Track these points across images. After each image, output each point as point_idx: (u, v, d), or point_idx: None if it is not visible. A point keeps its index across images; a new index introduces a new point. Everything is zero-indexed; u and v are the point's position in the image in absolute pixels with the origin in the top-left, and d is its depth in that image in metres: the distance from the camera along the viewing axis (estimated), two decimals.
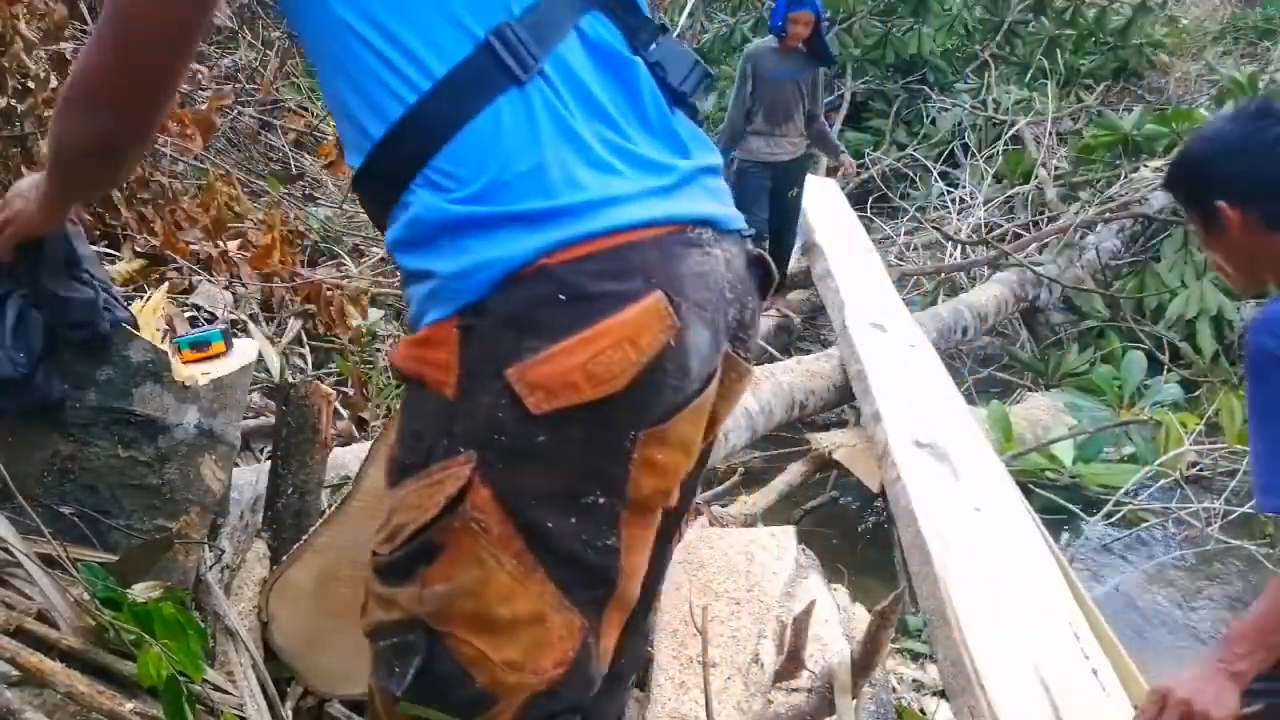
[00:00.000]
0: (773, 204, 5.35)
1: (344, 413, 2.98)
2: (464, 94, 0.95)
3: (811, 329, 5.98)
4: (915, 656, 2.88)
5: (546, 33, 0.98)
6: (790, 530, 2.76)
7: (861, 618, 2.68)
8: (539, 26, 0.97)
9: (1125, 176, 6.71)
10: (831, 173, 6.90)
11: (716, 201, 1.06)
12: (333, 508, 1.83)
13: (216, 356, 1.84)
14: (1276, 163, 1.56)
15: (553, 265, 0.92)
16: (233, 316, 2.97)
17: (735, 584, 2.40)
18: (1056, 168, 7.33)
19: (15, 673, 1.46)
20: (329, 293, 3.44)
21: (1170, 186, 1.76)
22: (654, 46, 1.07)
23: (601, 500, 0.97)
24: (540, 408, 0.91)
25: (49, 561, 1.60)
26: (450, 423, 0.96)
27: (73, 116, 1.11)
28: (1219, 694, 1.47)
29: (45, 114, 2.87)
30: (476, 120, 0.95)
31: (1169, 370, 5.42)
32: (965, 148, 7.89)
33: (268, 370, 2.82)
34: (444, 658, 1.00)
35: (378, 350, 3.52)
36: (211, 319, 2.76)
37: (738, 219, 1.09)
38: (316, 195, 5.10)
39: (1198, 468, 4.29)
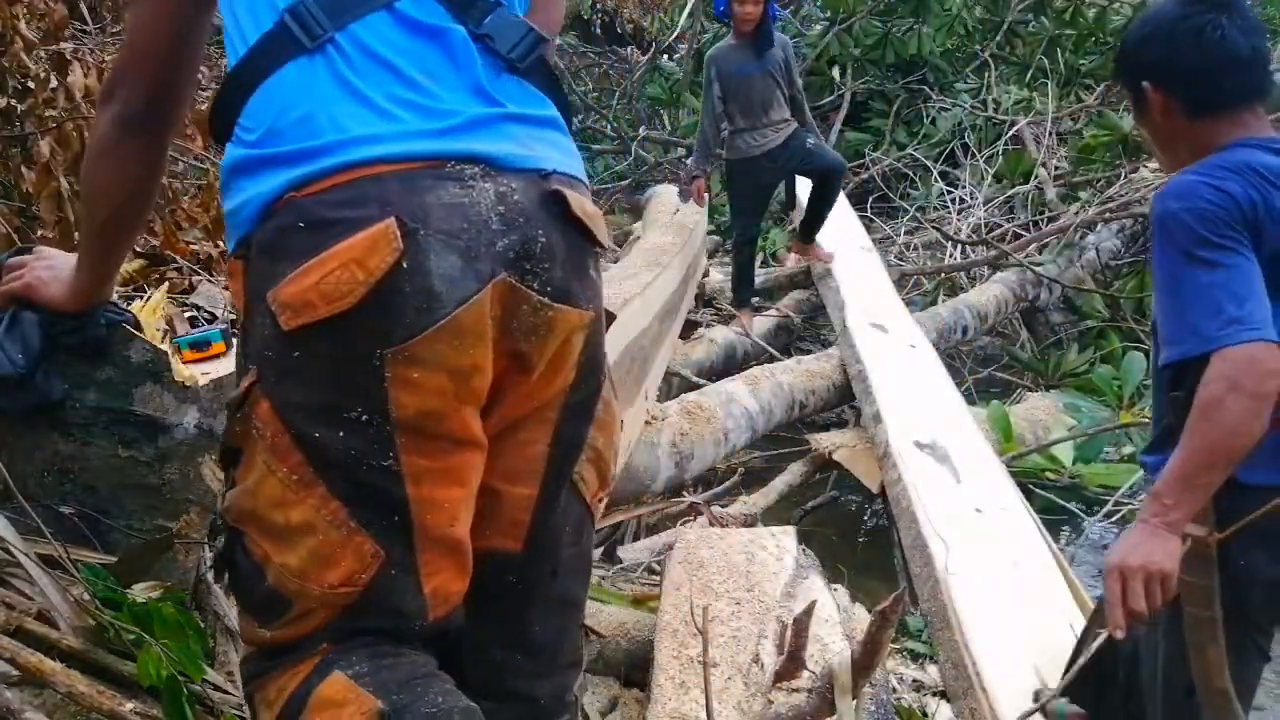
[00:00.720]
0: (786, 179, 5.25)
1: None
2: (262, 60, 1.09)
3: (811, 329, 5.98)
4: (916, 657, 2.88)
5: (343, 10, 1.10)
6: (790, 530, 2.76)
7: (862, 618, 2.68)
8: (336, 5, 1.10)
9: (1125, 176, 6.71)
10: None
11: (512, 143, 1.10)
12: None
13: (216, 356, 1.84)
14: (1199, 52, 1.60)
15: (298, 198, 1.03)
16: (233, 316, 2.97)
17: (735, 584, 2.40)
18: (1056, 168, 7.32)
19: (15, 673, 1.46)
20: None
21: (1115, 67, 1.83)
22: (487, 20, 1.14)
23: (364, 417, 1.04)
24: (289, 324, 1.02)
25: (49, 561, 1.60)
26: (245, 343, 1.12)
27: (98, 117, 1.25)
28: (1163, 549, 1.52)
29: (46, 114, 2.87)
30: (268, 81, 1.09)
31: None
32: (965, 148, 7.89)
33: None
34: (242, 555, 1.11)
35: None
36: (211, 319, 2.76)
37: (539, 160, 1.12)
38: None
39: None
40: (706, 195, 5.26)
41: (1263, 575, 1.57)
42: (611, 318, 1.33)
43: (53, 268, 1.46)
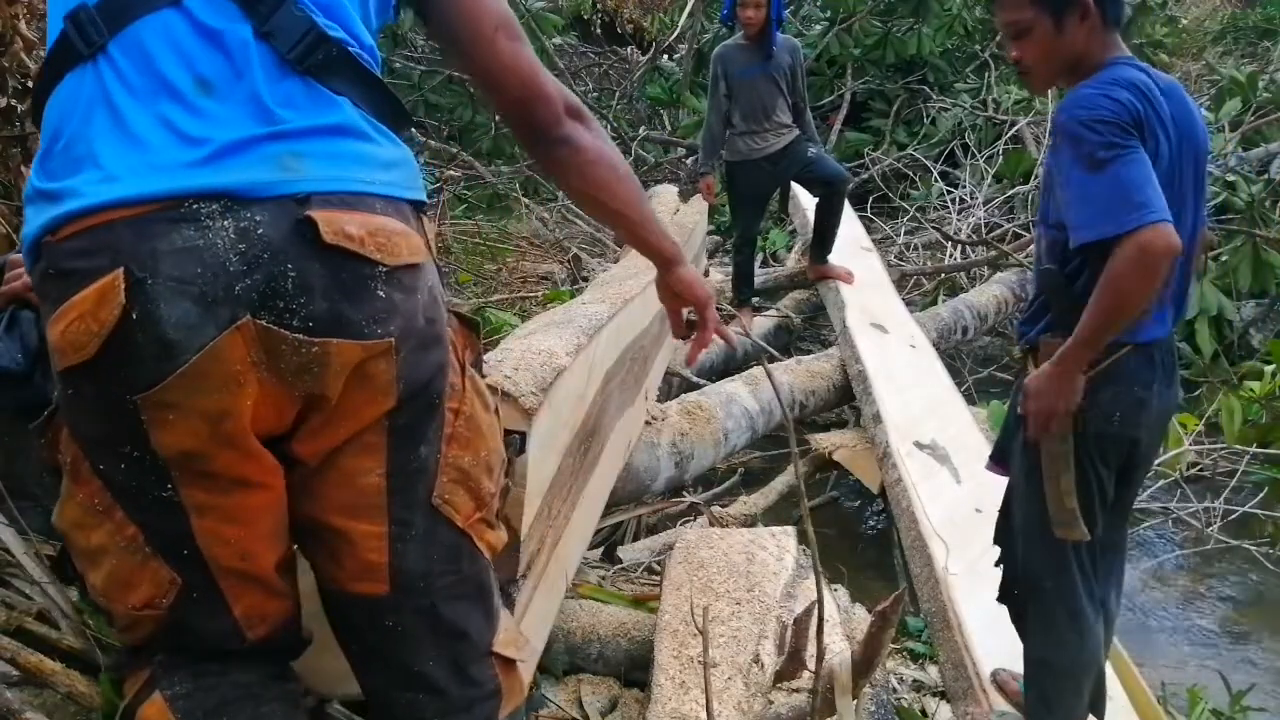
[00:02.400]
0: (782, 187, 5.19)
1: None
2: (49, 70, 1.09)
3: (811, 329, 5.98)
4: (916, 657, 2.88)
5: (122, 13, 1.05)
6: (790, 530, 2.76)
7: (861, 618, 2.68)
8: (115, 7, 1.05)
9: None
10: None
11: (266, 168, 1.03)
12: None
13: None
14: None
15: (48, 243, 1.03)
16: None
17: (736, 584, 2.40)
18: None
19: (15, 673, 1.46)
20: None
21: None
22: (273, 17, 1.08)
23: (135, 453, 1.06)
24: (58, 366, 1.05)
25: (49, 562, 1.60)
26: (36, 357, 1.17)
27: None
28: (1063, 389, 1.90)
29: None
30: (51, 96, 1.08)
31: None
32: (965, 148, 7.89)
33: None
34: (70, 566, 1.20)
35: None
36: None
37: (298, 182, 1.04)
38: None
39: (1198, 468, 4.29)
40: (715, 190, 5.23)
41: (1102, 409, 1.92)
42: (473, 324, 1.28)
43: None
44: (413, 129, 1.47)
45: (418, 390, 1.13)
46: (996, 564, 2.22)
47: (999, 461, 2.21)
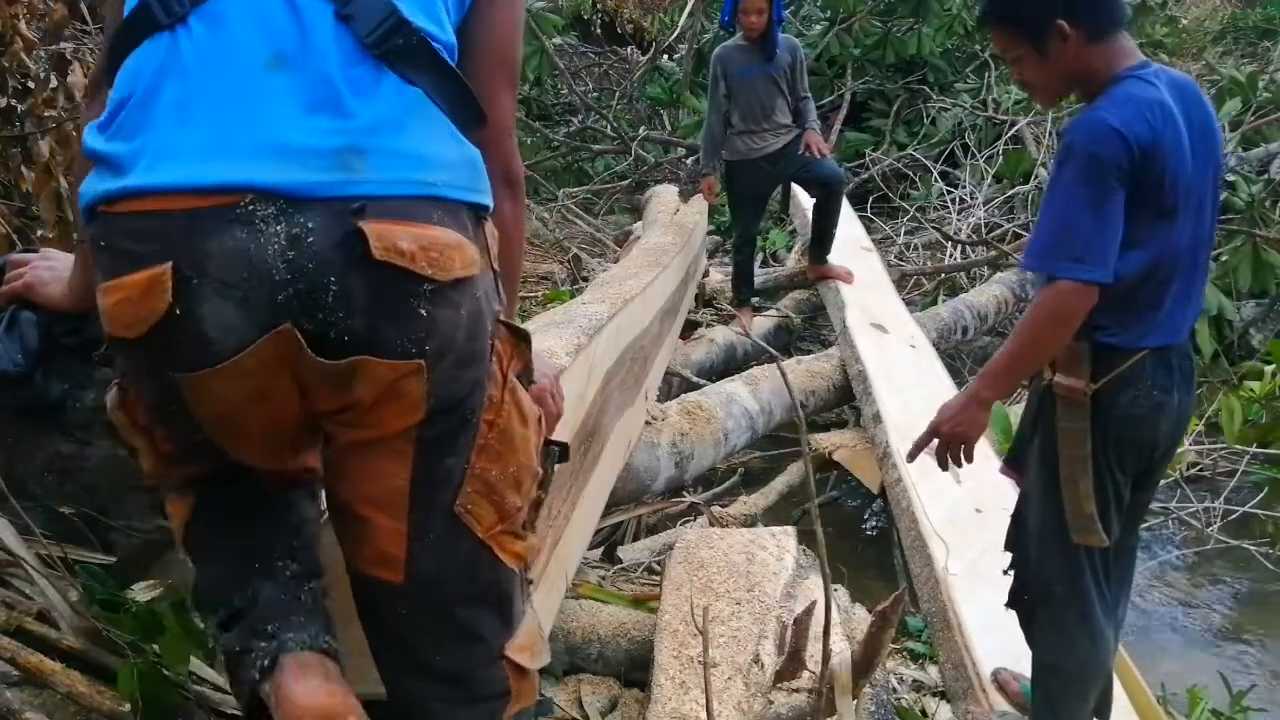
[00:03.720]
0: (783, 187, 5.16)
1: None
2: (128, 31, 1.08)
3: (811, 329, 5.98)
4: (916, 657, 2.88)
5: None
6: (790, 530, 2.76)
7: (862, 618, 2.68)
8: None
9: None
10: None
11: (326, 164, 1.02)
12: None
13: None
14: None
15: (104, 212, 1.03)
16: None
17: (736, 584, 2.40)
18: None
19: (15, 673, 1.46)
20: None
21: (1003, 15, 1.96)
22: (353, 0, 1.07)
23: (175, 408, 1.10)
24: (108, 333, 1.06)
25: (49, 562, 1.60)
26: None
27: (83, 122, 1.23)
28: (973, 418, 2.00)
29: (45, 114, 2.87)
30: (128, 59, 1.07)
31: None
32: (965, 148, 7.89)
33: None
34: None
35: None
36: None
37: (355, 184, 1.02)
38: None
39: (1198, 468, 4.29)
40: (715, 190, 5.23)
41: (1120, 413, 1.93)
42: (522, 336, 1.24)
43: (53, 268, 1.46)
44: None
45: (450, 406, 1.12)
46: (1006, 571, 2.22)
47: (1013, 467, 2.21)
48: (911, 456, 2.12)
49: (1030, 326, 1.90)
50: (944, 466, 2.06)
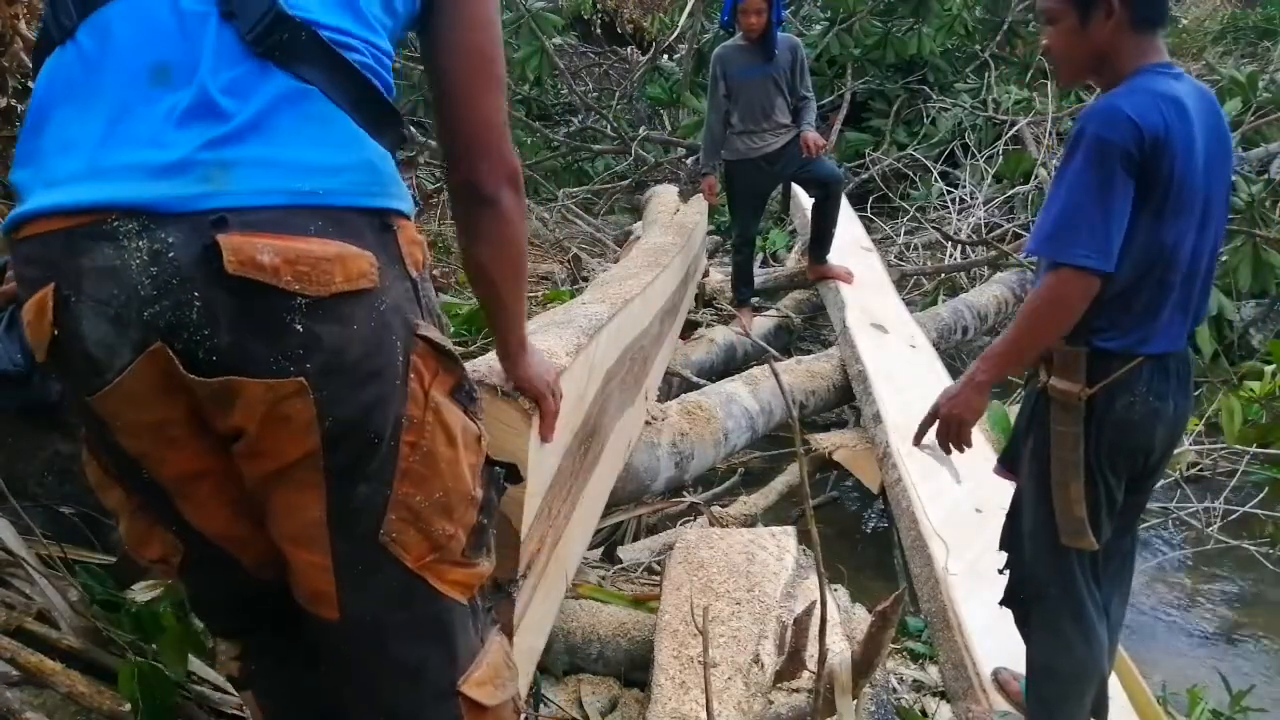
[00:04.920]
0: (784, 185, 5.14)
1: None
2: (39, 54, 1.08)
3: (811, 329, 5.98)
4: (916, 657, 2.88)
5: None
6: (790, 530, 2.76)
7: (861, 618, 2.68)
8: None
9: None
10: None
11: (187, 179, 0.98)
12: None
13: None
14: None
15: (10, 240, 1.04)
16: None
17: (736, 584, 2.40)
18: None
19: (15, 673, 1.46)
20: None
21: None
22: None
23: (111, 443, 1.10)
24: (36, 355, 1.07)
25: (49, 562, 1.60)
26: None
27: None
28: (970, 402, 2.02)
29: None
30: (38, 78, 1.06)
31: None
32: (965, 148, 7.89)
33: None
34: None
35: None
36: None
37: (216, 196, 0.98)
38: None
39: (1198, 468, 4.29)
40: (716, 190, 5.23)
41: (1115, 419, 1.94)
42: (446, 352, 1.15)
43: None
44: (408, 129, 1.35)
45: (350, 428, 1.06)
46: (1001, 570, 2.22)
47: (1007, 467, 2.21)
48: (916, 440, 2.14)
49: (1031, 312, 1.90)
50: (945, 449, 2.09)
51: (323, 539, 1.11)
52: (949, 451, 2.10)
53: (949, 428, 2.05)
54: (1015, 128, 7.63)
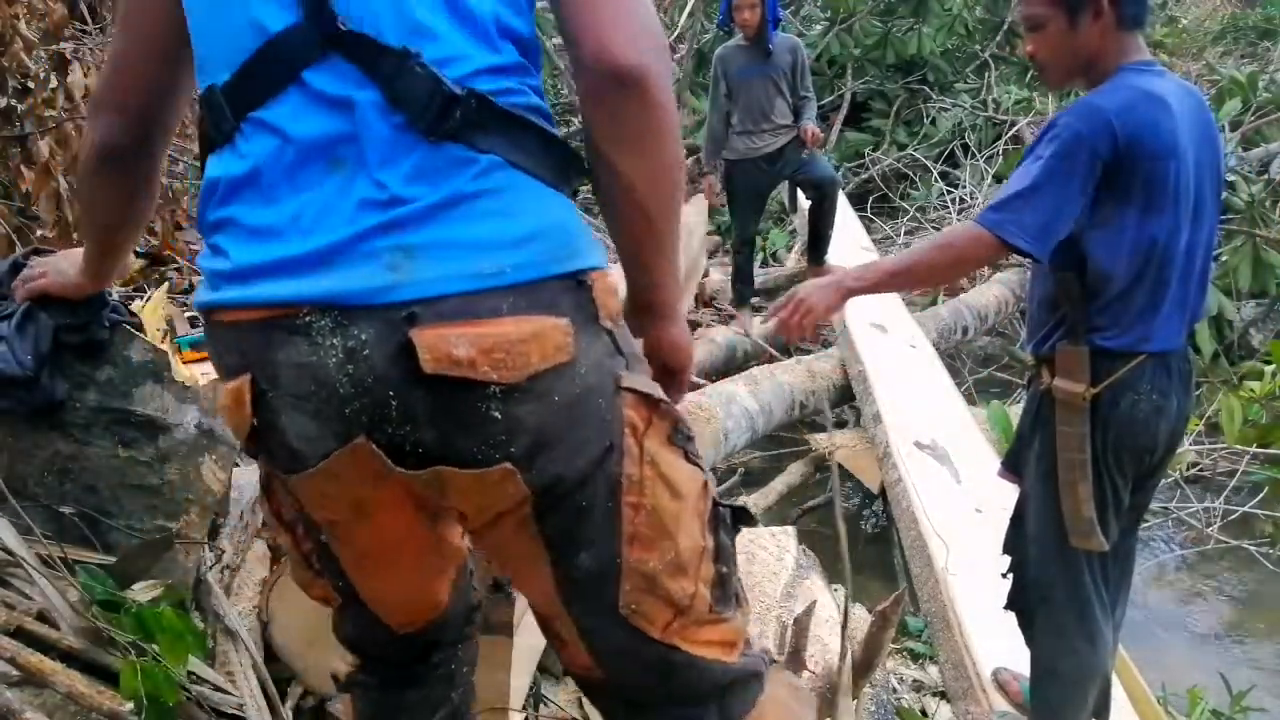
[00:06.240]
0: (789, 186, 5.12)
1: None
2: (203, 143, 1.07)
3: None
4: (916, 657, 2.88)
5: (248, 96, 1.00)
6: (790, 530, 2.76)
7: (862, 618, 2.68)
8: (241, 91, 1.00)
9: None
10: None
11: (374, 269, 0.94)
12: None
13: None
14: None
15: (206, 322, 1.05)
16: None
17: None
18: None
19: (15, 673, 1.46)
20: None
21: None
22: (398, 80, 0.96)
23: (297, 508, 1.12)
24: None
25: (49, 562, 1.60)
26: None
27: (85, 133, 1.23)
28: (830, 299, 1.94)
29: (45, 114, 2.87)
30: (206, 174, 1.05)
31: None
32: (965, 148, 7.89)
33: None
34: None
35: None
36: None
37: (405, 287, 0.93)
38: None
39: (1198, 468, 4.29)
40: (717, 190, 5.23)
41: (1120, 417, 1.93)
42: (655, 401, 1.07)
43: (74, 261, 1.46)
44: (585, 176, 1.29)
45: (562, 499, 1.01)
46: (1005, 574, 2.22)
47: (1011, 470, 2.20)
48: (770, 317, 2.07)
49: (937, 252, 1.92)
50: (785, 332, 1.98)
51: (561, 612, 1.08)
52: (787, 335, 2.00)
53: (798, 311, 1.94)
54: (1015, 128, 7.63)
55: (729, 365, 5.05)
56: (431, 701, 1.35)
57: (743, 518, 1.19)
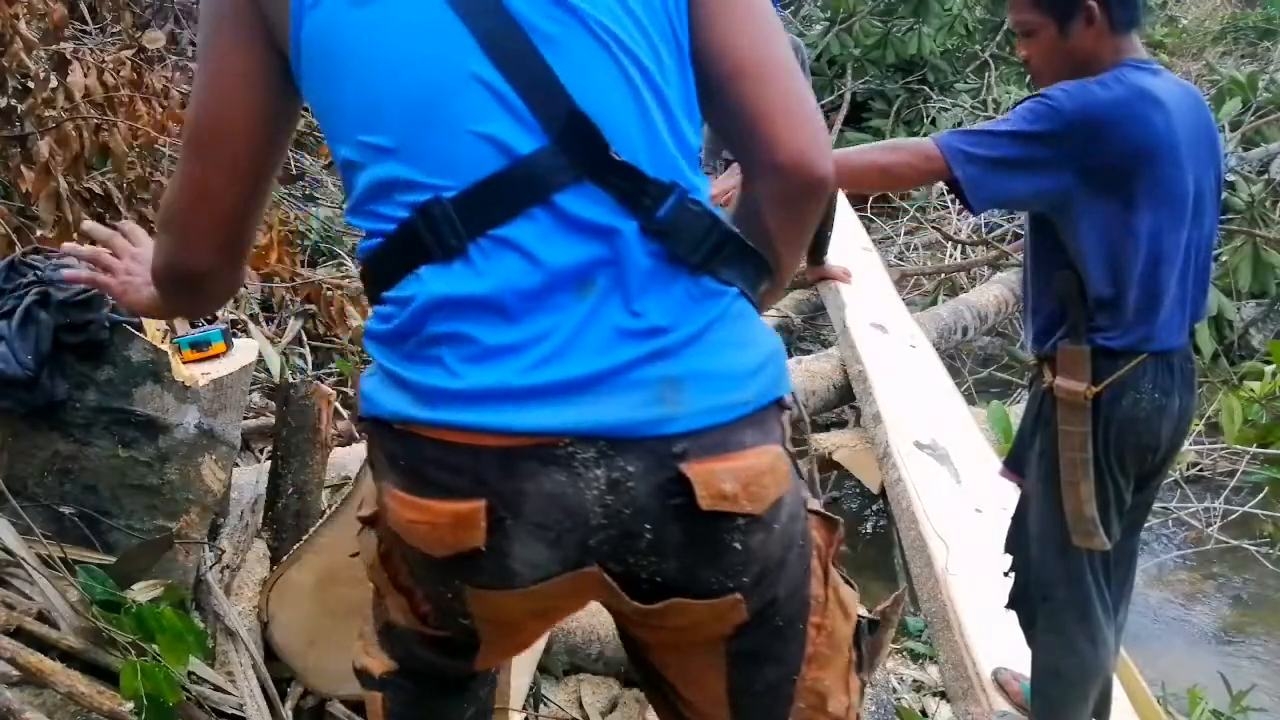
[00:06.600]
0: None
1: (344, 413, 2.98)
2: (393, 255, 0.98)
3: (811, 329, 5.97)
4: (916, 657, 2.88)
5: (486, 212, 0.94)
6: None
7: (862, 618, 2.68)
8: (477, 205, 0.94)
9: None
10: None
11: (643, 398, 0.93)
12: (333, 508, 1.83)
13: (217, 356, 1.85)
14: None
15: (408, 431, 0.96)
16: (233, 316, 2.97)
17: None
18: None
19: (15, 673, 1.46)
20: (329, 293, 3.44)
21: None
22: (661, 211, 0.95)
23: (451, 598, 1.04)
24: (393, 524, 1.01)
25: (49, 562, 1.60)
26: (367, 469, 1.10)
27: (158, 247, 1.14)
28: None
29: (45, 114, 2.87)
30: (405, 281, 0.97)
31: None
32: None
33: (268, 370, 2.82)
34: None
35: None
36: (211, 319, 2.76)
37: (673, 420, 0.93)
38: (316, 195, 5.10)
39: (1198, 468, 4.29)
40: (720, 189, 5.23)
41: (1121, 416, 1.93)
42: (833, 522, 1.13)
43: (143, 272, 1.28)
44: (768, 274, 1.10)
45: (765, 619, 1.03)
46: (1006, 573, 2.22)
47: (1013, 469, 2.20)
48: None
49: (880, 151, 1.94)
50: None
51: (725, 713, 1.09)
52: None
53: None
54: None
55: None
56: (468, 704, 1.30)
57: (873, 628, 1.23)
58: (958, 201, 1.83)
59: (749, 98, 1.02)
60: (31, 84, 2.86)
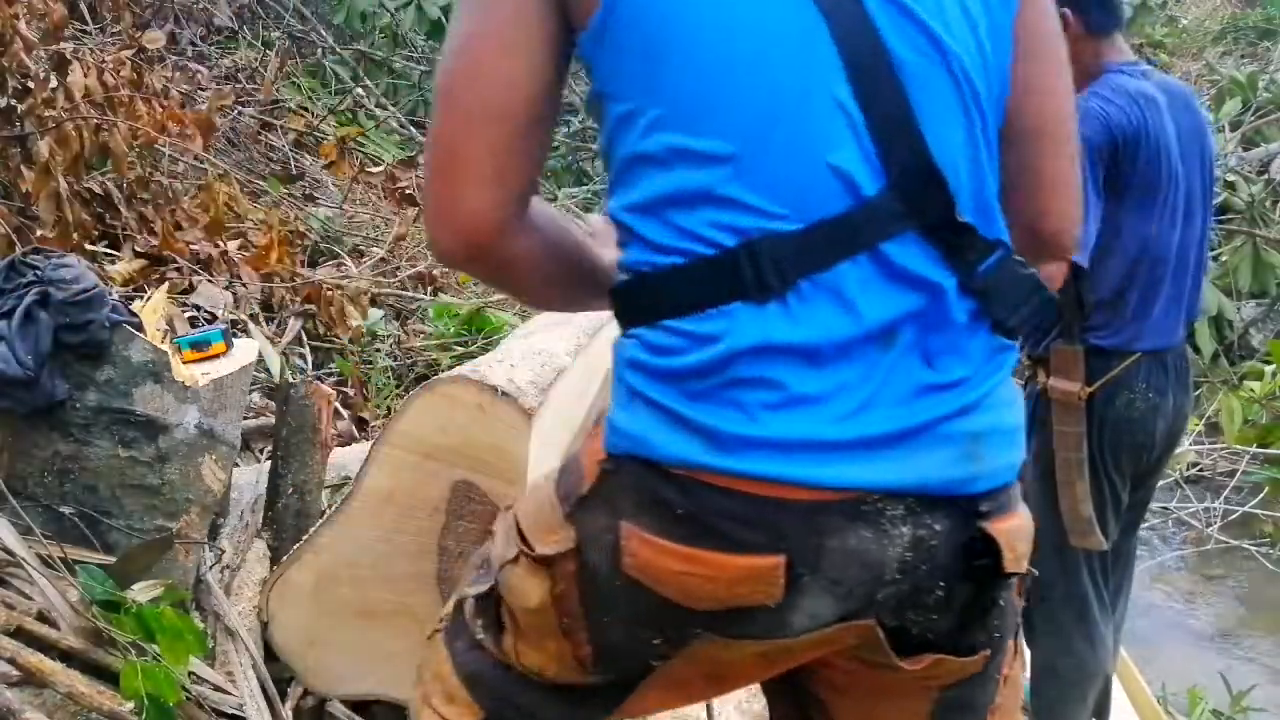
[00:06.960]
0: None
1: (344, 413, 2.98)
2: (691, 282, 0.90)
3: None
4: None
5: (813, 253, 0.88)
6: None
7: None
8: (813, 245, 0.88)
9: None
10: None
11: (952, 455, 0.90)
12: (333, 508, 1.83)
13: (217, 356, 1.85)
14: None
15: (687, 477, 0.89)
16: (233, 316, 2.97)
17: None
18: None
19: (15, 673, 1.46)
20: (329, 293, 3.44)
21: None
22: (982, 269, 0.92)
23: (657, 642, 0.96)
24: (627, 570, 0.92)
25: (49, 562, 1.60)
26: (567, 499, 0.98)
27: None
28: None
29: (45, 114, 2.87)
30: (712, 314, 0.89)
31: None
32: None
33: (268, 370, 2.82)
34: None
35: (378, 350, 3.52)
36: (211, 319, 2.76)
37: (977, 478, 0.91)
38: (316, 195, 5.10)
39: (1198, 468, 4.29)
40: None
41: (1116, 416, 1.94)
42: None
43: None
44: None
45: (986, 669, 1.01)
46: None
47: None
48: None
49: None
50: None
51: None
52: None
53: None
54: None
55: None
56: None
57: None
58: None
59: (1045, 158, 1.02)
60: (31, 84, 2.86)
